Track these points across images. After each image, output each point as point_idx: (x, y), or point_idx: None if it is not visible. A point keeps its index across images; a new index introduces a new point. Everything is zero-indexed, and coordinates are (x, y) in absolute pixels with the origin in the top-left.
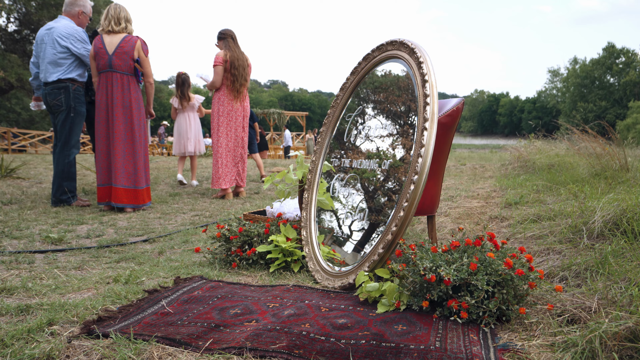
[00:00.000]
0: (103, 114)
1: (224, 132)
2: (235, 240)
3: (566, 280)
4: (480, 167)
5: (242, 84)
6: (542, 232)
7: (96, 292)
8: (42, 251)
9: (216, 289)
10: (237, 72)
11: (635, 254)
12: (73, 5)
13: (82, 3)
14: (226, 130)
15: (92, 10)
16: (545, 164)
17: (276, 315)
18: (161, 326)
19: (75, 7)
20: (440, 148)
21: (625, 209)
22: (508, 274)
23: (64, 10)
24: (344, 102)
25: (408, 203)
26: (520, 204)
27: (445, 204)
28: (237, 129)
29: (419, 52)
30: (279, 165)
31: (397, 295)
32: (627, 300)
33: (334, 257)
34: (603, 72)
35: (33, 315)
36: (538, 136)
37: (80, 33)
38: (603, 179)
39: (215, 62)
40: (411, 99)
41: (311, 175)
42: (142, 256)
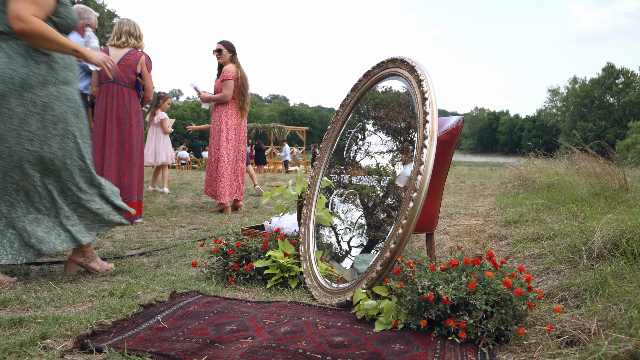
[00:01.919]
0: (100, 124)
1: (232, 146)
2: (233, 255)
3: (565, 300)
4: (480, 185)
5: (248, 102)
6: (542, 252)
7: (91, 305)
8: (37, 263)
9: (212, 304)
10: (245, 91)
11: (635, 275)
12: (79, 17)
13: (87, 15)
14: (234, 144)
15: (97, 21)
16: (545, 182)
17: (272, 332)
18: (156, 341)
19: (79, 20)
20: (440, 165)
21: (624, 229)
22: (507, 294)
23: None
24: (344, 118)
25: (407, 220)
26: (519, 223)
27: (445, 222)
28: (240, 143)
29: (419, 70)
30: (279, 180)
31: (394, 313)
32: (627, 322)
33: (332, 273)
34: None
35: (26, 328)
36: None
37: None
38: (603, 199)
39: (228, 77)
40: (411, 115)
41: (310, 190)
42: (138, 270)
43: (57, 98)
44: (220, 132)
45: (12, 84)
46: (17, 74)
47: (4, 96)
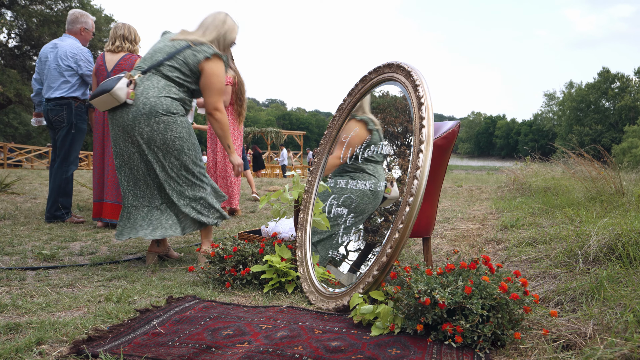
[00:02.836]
0: (99, 130)
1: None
2: (230, 260)
3: (561, 304)
4: (477, 189)
5: (245, 108)
6: (538, 256)
7: (87, 310)
8: (33, 268)
9: (209, 309)
10: (242, 96)
11: (630, 279)
12: (75, 22)
13: (84, 20)
14: None
15: (94, 25)
16: (541, 186)
17: (269, 337)
18: (152, 347)
19: (77, 25)
20: (436, 170)
21: (620, 233)
22: (503, 298)
23: (67, 28)
24: (341, 123)
25: (403, 225)
26: (516, 227)
27: (441, 226)
28: (239, 147)
29: (415, 75)
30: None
31: (391, 318)
32: (623, 326)
33: (328, 278)
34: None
35: (22, 334)
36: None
37: (85, 53)
38: (598, 203)
39: (226, 84)
40: (408, 120)
41: (307, 195)
42: (135, 274)
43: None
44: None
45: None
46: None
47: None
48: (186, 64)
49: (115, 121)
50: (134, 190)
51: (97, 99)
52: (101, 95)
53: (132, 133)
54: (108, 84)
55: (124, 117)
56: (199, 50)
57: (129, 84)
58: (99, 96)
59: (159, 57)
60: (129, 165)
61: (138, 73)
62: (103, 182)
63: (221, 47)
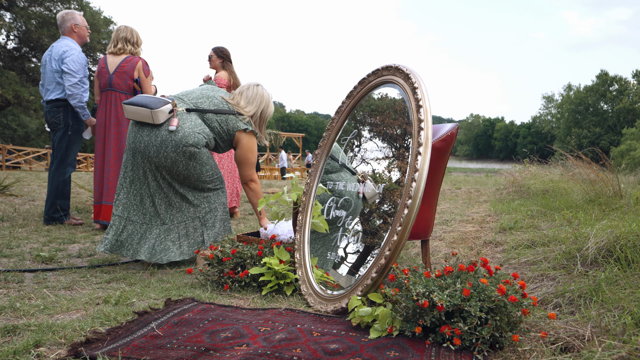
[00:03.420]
0: (101, 132)
1: (225, 153)
2: (228, 262)
3: (560, 307)
4: (475, 192)
5: None
6: (536, 258)
7: (85, 313)
8: (31, 270)
9: (207, 311)
10: None
11: (628, 281)
12: (64, 22)
13: (70, 17)
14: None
15: (84, 20)
16: (540, 189)
17: (267, 340)
18: (150, 349)
19: (66, 23)
20: (435, 172)
21: (618, 236)
22: (501, 301)
23: (60, 31)
24: (340, 125)
25: (401, 227)
26: (514, 229)
27: (440, 228)
28: None
29: (414, 78)
30: (274, 187)
31: (389, 320)
32: (621, 329)
33: (327, 280)
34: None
35: (20, 336)
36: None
37: (73, 51)
38: (597, 205)
39: (220, 84)
40: (407, 122)
41: (305, 197)
42: (133, 277)
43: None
44: None
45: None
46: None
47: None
48: (226, 123)
49: (141, 137)
50: (139, 205)
51: (134, 108)
52: (140, 107)
53: (155, 153)
54: (153, 102)
55: (152, 137)
56: (240, 119)
57: (170, 111)
58: (137, 107)
59: (205, 104)
60: (140, 180)
61: (183, 107)
62: (103, 183)
63: (259, 121)
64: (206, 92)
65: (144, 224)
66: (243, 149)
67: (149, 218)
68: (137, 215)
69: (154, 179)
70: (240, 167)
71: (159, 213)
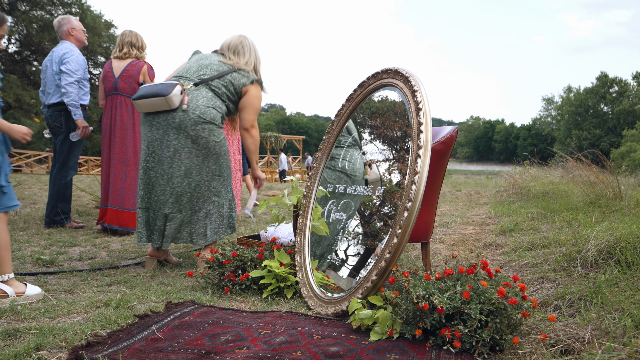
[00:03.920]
0: (107, 136)
1: None
2: (229, 265)
3: (560, 309)
4: (476, 194)
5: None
6: (537, 260)
7: (86, 316)
8: (33, 273)
9: (208, 314)
10: None
11: (628, 283)
12: (61, 26)
13: (66, 21)
14: None
15: (80, 24)
16: (540, 191)
17: (268, 343)
18: (151, 352)
19: (63, 27)
20: (434, 175)
21: (618, 238)
22: (501, 303)
23: (58, 36)
24: (340, 128)
25: (401, 230)
26: (514, 232)
27: (440, 230)
28: (234, 152)
29: (413, 81)
30: (275, 189)
31: (390, 323)
32: (621, 331)
33: (327, 283)
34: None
35: (21, 339)
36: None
37: (72, 52)
38: (597, 207)
39: None
40: (407, 124)
41: (306, 200)
42: (134, 280)
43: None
44: None
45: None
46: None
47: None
48: (232, 84)
49: (158, 123)
50: (159, 195)
51: (147, 100)
52: (153, 97)
53: (175, 135)
54: (162, 89)
55: (170, 120)
56: (244, 74)
57: (181, 92)
58: (149, 98)
59: (207, 73)
60: (162, 168)
61: (190, 84)
62: (108, 187)
63: (257, 71)
64: (202, 61)
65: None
66: (250, 97)
67: (169, 207)
68: (157, 204)
69: (179, 162)
70: (244, 111)
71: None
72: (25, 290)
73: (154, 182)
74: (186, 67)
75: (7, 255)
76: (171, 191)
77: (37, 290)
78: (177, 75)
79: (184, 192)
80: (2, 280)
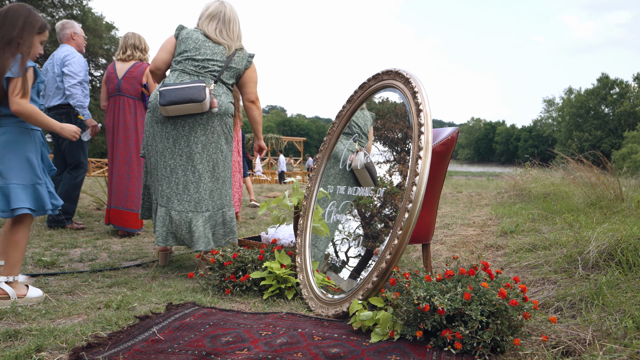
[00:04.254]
0: (110, 137)
1: None
2: (229, 267)
3: (561, 311)
4: (477, 195)
5: (237, 114)
6: (538, 262)
7: (87, 317)
8: (33, 275)
9: (208, 315)
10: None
11: (629, 285)
12: (64, 29)
13: (70, 25)
14: None
15: (82, 31)
16: (541, 192)
17: (268, 344)
18: (151, 354)
19: (65, 31)
20: (435, 176)
21: (619, 239)
22: (502, 304)
23: (59, 39)
24: (340, 129)
25: (402, 231)
26: (515, 233)
27: (441, 232)
28: (233, 154)
29: (414, 82)
30: (276, 191)
31: (390, 324)
32: (622, 332)
33: (328, 284)
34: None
35: (21, 341)
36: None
37: (74, 55)
38: (598, 209)
39: None
40: (408, 126)
41: (306, 201)
42: (134, 281)
43: None
44: None
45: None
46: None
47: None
48: (237, 71)
49: (184, 121)
50: (182, 194)
51: (179, 106)
52: (187, 104)
53: (203, 131)
54: (195, 94)
55: (197, 118)
56: (242, 56)
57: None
58: (182, 104)
59: (216, 65)
60: (184, 166)
61: (212, 83)
62: (112, 188)
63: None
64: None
65: (190, 212)
66: (251, 72)
67: (193, 205)
68: (180, 205)
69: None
70: (248, 85)
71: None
72: (26, 293)
73: (187, 181)
74: (187, 55)
75: (21, 257)
76: (204, 187)
77: (38, 293)
78: (182, 68)
79: (215, 189)
80: (7, 282)
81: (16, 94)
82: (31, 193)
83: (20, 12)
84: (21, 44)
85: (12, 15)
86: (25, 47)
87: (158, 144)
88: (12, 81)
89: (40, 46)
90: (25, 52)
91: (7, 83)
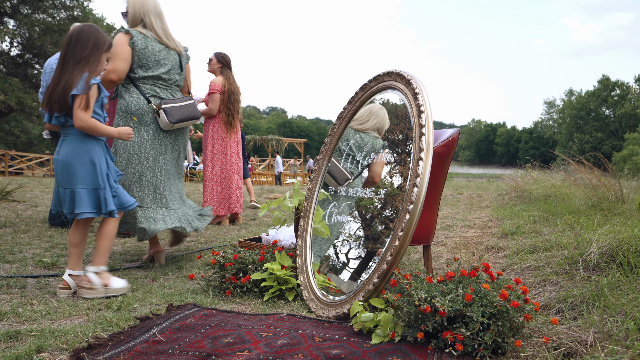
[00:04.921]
0: (108, 140)
1: (217, 160)
2: (230, 268)
3: (562, 312)
4: (477, 197)
5: (235, 117)
6: (539, 263)
7: (87, 318)
8: (34, 276)
9: (209, 317)
10: (232, 107)
11: (631, 286)
12: None
13: None
14: (220, 158)
15: None
16: (542, 194)
17: (269, 345)
18: (152, 355)
19: None
20: (436, 178)
21: (620, 241)
22: (503, 306)
23: None
24: (341, 131)
25: (403, 232)
26: (516, 235)
27: (442, 233)
28: (232, 155)
29: (415, 84)
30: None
31: (391, 325)
32: (623, 334)
33: (329, 285)
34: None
35: (22, 341)
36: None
37: None
38: (599, 211)
39: (213, 90)
40: (409, 127)
41: (307, 202)
42: (135, 282)
43: None
44: (206, 146)
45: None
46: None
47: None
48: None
49: (175, 131)
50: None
51: (184, 123)
52: (190, 120)
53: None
54: (195, 112)
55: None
56: (188, 56)
57: None
58: (187, 121)
59: (177, 74)
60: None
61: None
62: None
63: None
64: (164, 60)
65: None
66: (188, 71)
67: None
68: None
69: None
70: (186, 79)
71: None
72: (109, 283)
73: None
74: (153, 74)
75: (109, 248)
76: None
77: (123, 284)
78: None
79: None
80: (95, 272)
81: (80, 109)
82: (94, 197)
83: (90, 32)
84: (90, 62)
85: (84, 36)
86: (94, 65)
87: (149, 151)
88: (77, 98)
89: (105, 62)
90: (92, 70)
91: (72, 99)
